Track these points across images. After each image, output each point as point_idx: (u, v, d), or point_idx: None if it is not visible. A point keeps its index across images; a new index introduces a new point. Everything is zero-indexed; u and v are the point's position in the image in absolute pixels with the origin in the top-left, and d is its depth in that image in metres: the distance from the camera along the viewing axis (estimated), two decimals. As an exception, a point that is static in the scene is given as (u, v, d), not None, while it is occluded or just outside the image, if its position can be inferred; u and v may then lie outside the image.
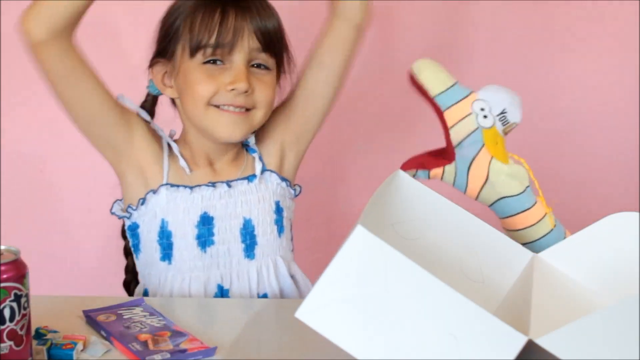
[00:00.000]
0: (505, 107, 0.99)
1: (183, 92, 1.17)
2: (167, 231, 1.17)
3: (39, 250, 1.68)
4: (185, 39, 1.16)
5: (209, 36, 1.13)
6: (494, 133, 1.00)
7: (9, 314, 0.81)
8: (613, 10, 1.68)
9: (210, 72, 1.14)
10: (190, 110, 1.17)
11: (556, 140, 1.74)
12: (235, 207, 1.19)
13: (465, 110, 0.99)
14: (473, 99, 1.00)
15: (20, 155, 1.68)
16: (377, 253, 0.73)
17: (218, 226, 1.18)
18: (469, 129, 0.99)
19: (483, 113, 0.98)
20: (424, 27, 1.69)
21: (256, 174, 1.21)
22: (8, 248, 0.84)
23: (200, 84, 1.14)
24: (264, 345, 0.97)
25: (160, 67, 1.20)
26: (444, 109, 0.99)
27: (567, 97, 1.74)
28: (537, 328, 0.74)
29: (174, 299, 1.14)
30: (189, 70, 1.15)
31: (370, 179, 1.34)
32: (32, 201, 1.71)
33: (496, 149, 0.99)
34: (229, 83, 1.13)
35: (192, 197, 1.17)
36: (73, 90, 1.12)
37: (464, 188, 1.03)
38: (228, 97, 1.14)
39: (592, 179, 1.76)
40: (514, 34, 1.70)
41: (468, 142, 0.99)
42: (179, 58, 1.17)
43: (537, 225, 1.03)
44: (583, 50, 1.71)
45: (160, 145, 1.20)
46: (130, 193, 1.19)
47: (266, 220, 1.20)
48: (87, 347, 0.92)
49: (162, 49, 1.19)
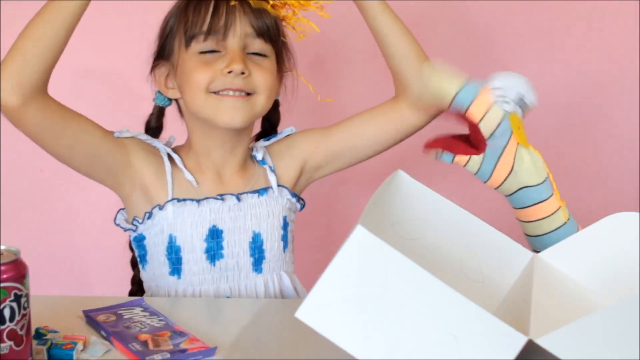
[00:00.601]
0: (521, 91, 0.99)
1: (182, 86, 1.17)
2: (176, 246, 1.16)
3: (39, 250, 1.68)
4: (180, 32, 1.16)
5: (202, 24, 1.13)
6: (516, 118, 1.00)
7: (9, 314, 0.81)
8: (613, 10, 1.68)
9: (206, 59, 1.14)
10: (190, 101, 1.16)
11: (556, 140, 1.74)
12: (245, 220, 1.18)
13: (487, 102, 0.99)
14: (489, 90, 1.00)
15: (20, 155, 1.68)
16: (377, 253, 0.73)
17: (227, 239, 1.17)
18: (497, 117, 0.99)
19: (504, 99, 0.99)
20: (423, 27, 1.69)
21: (269, 187, 1.20)
22: (8, 248, 0.84)
23: (196, 71, 1.13)
24: (264, 345, 0.96)
25: (162, 70, 1.20)
26: (466, 107, 0.99)
27: (567, 97, 1.74)
28: (537, 328, 0.74)
29: (174, 299, 1.14)
30: (185, 61, 1.15)
31: (370, 179, 1.34)
32: (32, 201, 1.71)
33: (519, 132, 1.00)
34: (225, 67, 1.12)
35: (200, 211, 1.16)
36: (61, 140, 1.10)
37: (486, 177, 1.03)
38: (226, 81, 1.13)
39: (592, 178, 1.76)
40: (514, 34, 1.70)
41: (499, 131, 0.99)
42: (177, 54, 1.17)
43: (551, 217, 1.03)
44: (583, 50, 1.71)
45: (162, 160, 1.18)
46: (135, 209, 1.18)
47: (274, 235, 1.20)
48: (87, 347, 0.92)
49: (160, 49, 1.20)
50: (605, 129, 1.75)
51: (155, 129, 1.24)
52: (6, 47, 0.97)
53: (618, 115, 1.74)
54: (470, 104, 0.98)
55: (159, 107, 1.24)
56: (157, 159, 1.18)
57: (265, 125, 1.29)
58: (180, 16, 1.17)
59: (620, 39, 1.70)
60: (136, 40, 1.26)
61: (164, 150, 1.19)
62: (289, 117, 1.30)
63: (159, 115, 1.24)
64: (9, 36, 1.07)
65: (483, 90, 0.99)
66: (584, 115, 1.75)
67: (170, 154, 1.18)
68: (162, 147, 1.19)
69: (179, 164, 1.18)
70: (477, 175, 1.03)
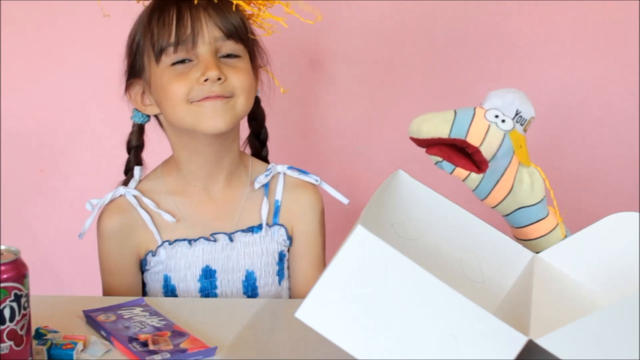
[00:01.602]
0: (517, 107, 0.97)
1: (160, 101, 1.14)
2: (171, 285, 1.16)
3: (39, 250, 1.68)
4: (148, 47, 1.14)
5: (169, 35, 1.11)
6: (517, 135, 0.98)
7: (9, 314, 0.81)
8: (613, 10, 1.68)
9: (179, 71, 1.11)
10: (171, 115, 1.13)
11: (555, 140, 1.73)
12: (238, 260, 1.17)
13: (483, 125, 0.96)
14: (483, 112, 0.98)
15: (20, 155, 1.68)
16: (377, 253, 0.73)
17: (220, 279, 1.16)
18: (497, 139, 0.96)
19: (500, 119, 0.97)
20: (424, 27, 1.69)
21: (262, 225, 1.18)
22: (8, 248, 0.84)
23: (171, 84, 1.11)
24: (264, 345, 0.96)
25: (136, 88, 1.18)
26: (465, 137, 0.97)
27: (567, 97, 1.74)
28: (537, 328, 0.74)
29: (174, 299, 1.14)
30: (159, 76, 1.12)
31: (370, 179, 1.34)
32: (32, 201, 1.71)
33: (521, 151, 0.98)
34: (201, 75, 1.10)
35: (192, 252, 1.15)
36: None
37: (484, 196, 1.01)
38: (204, 89, 1.10)
39: (592, 178, 1.75)
40: (514, 34, 1.70)
41: (501, 152, 0.96)
42: (148, 70, 1.14)
43: (549, 235, 1.02)
44: (583, 50, 1.71)
45: (135, 211, 1.16)
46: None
47: (268, 271, 1.19)
48: (87, 347, 0.92)
49: (131, 67, 1.17)
50: (605, 129, 1.75)
51: (136, 148, 1.21)
52: (6, 47, 0.98)
53: (618, 115, 1.74)
54: (468, 132, 0.96)
55: (138, 125, 1.21)
56: (131, 214, 1.16)
57: (252, 124, 1.27)
58: (145, 31, 1.14)
59: (620, 39, 1.70)
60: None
61: (133, 199, 1.16)
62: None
63: (139, 133, 1.22)
64: (9, 36, 1.07)
65: (476, 115, 0.97)
66: (584, 115, 1.74)
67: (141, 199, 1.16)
68: (130, 196, 1.17)
69: (153, 207, 1.15)
70: (474, 192, 1.02)
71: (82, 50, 1.65)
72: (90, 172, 1.66)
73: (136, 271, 1.18)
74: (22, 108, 1.67)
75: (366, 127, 1.73)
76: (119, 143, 1.24)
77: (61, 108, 1.67)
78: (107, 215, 1.17)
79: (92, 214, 1.16)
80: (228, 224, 1.18)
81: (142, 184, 1.19)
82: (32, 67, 1.65)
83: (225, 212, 1.18)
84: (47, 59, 1.65)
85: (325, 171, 1.74)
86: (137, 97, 1.18)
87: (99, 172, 1.64)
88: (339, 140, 1.72)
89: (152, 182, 1.20)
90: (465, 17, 1.70)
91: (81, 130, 1.68)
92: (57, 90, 1.66)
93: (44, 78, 1.66)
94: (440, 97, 1.70)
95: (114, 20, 1.65)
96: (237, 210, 1.19)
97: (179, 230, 1.16)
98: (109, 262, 1.18)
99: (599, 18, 1.69)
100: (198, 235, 1.16)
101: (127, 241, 1.16)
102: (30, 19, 1.61)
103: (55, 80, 1.66)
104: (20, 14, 1.62)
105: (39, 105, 1.67)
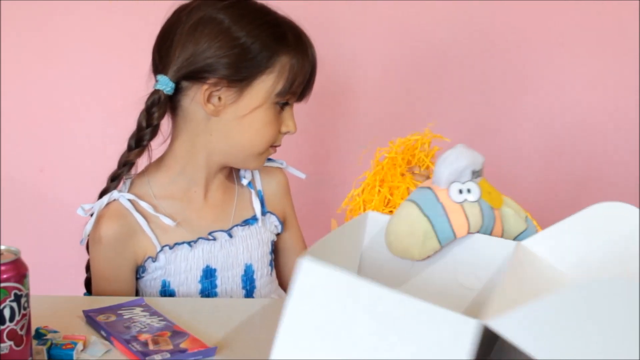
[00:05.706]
0: (470, 168, 0.93)
1: (242, 124, 1.11)
2: (170, 290, 1.16)
3: (39, 250, 1.68)
4: (276, 77, 1.10)
5: (299, 85, 1.13)
6: (483, 184, 0.95)
7: (9, 314, 0.81)
8: (613, 10, 1.68)
9: (276, 112, 1.13)
10: (238, 143, 1.12)
11: (555, 140, 1.74)
12: (237, 255, 1.18)
13: (458, 211, 0.91)
14: (445, 192, 0.91)
15: (20, 155, 1.68)
16: (328, 281, 0.70)
17: (220, 277, 1.17)
18: (476, 211, 0.92)
19: (465, 190, 0.92)
20: (423, 27, 1.69)
21: (256, 217, 1.20)
22: (8, 248, 0.84)
23: (268, 125, 1.12)
24: (264, 345, 0.96)
25: (217, 87, 1.09)
26: (454, 237, 0.93)
27: (567, 97, 1.74)
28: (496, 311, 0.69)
29: (174, 299, 1.14)
30: (262, 106, 1.11)
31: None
32: (32, 201, 1.71)
33: (492, 197, 0.95)
34: (288, 131, 1.14)
35: (193, 254, 1.15)
36: None
37: None
38: (279, 140, 1.15)
39: (592, 178, 1.76)
40: (514, 34, 1.70)
41: (487, 219, 0.94)
42: (254, 89, 1.10)
43: None
44: (582, 51, 1.71)
45: (131, 215, 1.12)
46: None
47: (264, 262, 1.21)
48: (87, 347, 0.92)
49: (235, 69, 1.09)
50: (605, 129, 1.75)
51: (152, 130, 1.11)
52: (6, 46, 0.97)
53: (618, 115, 1.74)
54: (452, 229, 0.93)
55: (165, 96, 1.09)
56: (128, 220, 1.13)
57: None
58: (285, 61, 1.10)
59: (620, 39, 1.70)
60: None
61: (128, 204, 1.13)
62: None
63: (162, 106, 1.09)
64: (9, 36, 1.07)
65: (443, 200, 0.91)
66: (584, 115, 1.75)
67: (139, 204, 1.13)
68: (125, 200, 1.13)
69: (152, 211, 1.13)
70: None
71: (82, 50, 1.65)
72: (90, 172, 1.66)
73: (131, 278, 1.15)
74: (22, 108, 1.67)
75: (367, 126, 1.73)
76: (119, 143, 1.24)
77: (61, 108, 1.67)
78: (105, 222, 1.12)
79: (92, 220, 1.12)
80: (225, 224, 1.19)
81: (134, 187, 1.16)
82: (32, 67, 1.65)
83: (222, 213, 1.19)
84: (47, 59, 1.65)
85: (326, 170, 1.74)
86: (207, 92, 1.09)
87: (99, 172, 1.64)
88: (339, 140, 1.72)
89: (144, 186, 1.16)
90: (466, 17, 1.70)
91: (81, 131, 1.68)
92: (57, 90, 1.67)
93: (44, 78, 1.66)
94: (440, 97, 1.70)
95: (114, 21, 1.66)
96: (232, 208, 1.20)
97: (177, 234, 1.15)
98: (104, 270, 1.14)
99: (599, 18, 1.70)
100: (196, 237, 1.16)
101: (125, 248, 1.13)
102: (30, 19, 1.61)
103: (55, 80, 1.66)
104: (20, 14, 1.62)
105: (39, 105, 1.67)
